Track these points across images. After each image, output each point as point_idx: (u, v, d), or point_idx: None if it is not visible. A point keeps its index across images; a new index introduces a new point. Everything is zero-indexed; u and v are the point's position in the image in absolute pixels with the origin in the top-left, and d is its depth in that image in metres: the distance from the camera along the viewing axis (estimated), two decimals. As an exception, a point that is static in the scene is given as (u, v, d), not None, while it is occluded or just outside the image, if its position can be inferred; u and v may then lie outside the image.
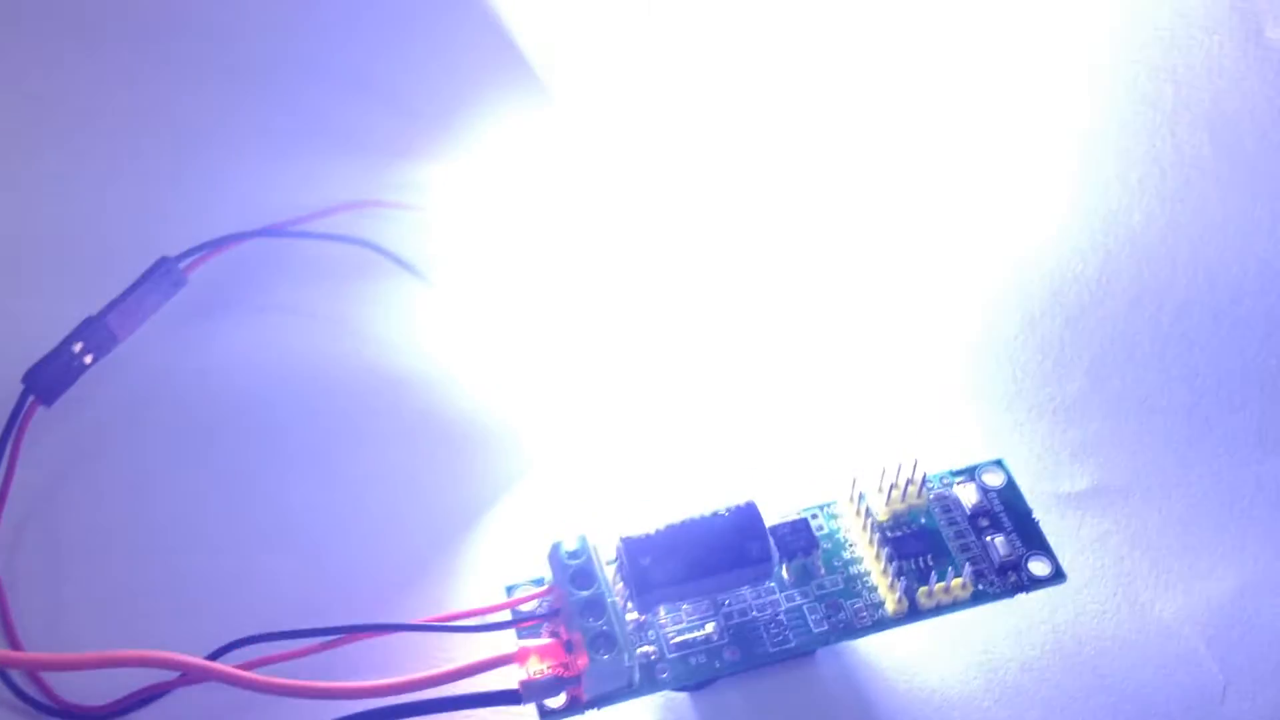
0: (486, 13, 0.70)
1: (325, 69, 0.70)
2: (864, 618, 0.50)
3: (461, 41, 0.70)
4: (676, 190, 0.66)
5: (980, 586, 0.50)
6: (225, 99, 0.69)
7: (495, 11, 0.71)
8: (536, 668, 0.47)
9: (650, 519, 0.48)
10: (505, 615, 0.49)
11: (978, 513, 0.52)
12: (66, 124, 0.69)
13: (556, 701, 0.47)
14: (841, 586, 0.50)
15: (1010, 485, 0.52)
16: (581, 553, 0.48)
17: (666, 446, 0.59)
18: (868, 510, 0.51)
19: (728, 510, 0.49)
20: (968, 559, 0.50)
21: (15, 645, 0.52)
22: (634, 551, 0.48)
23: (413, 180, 0.65)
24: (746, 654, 0.49)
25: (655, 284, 0.63)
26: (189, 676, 0.49)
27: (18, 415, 0.56)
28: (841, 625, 0.49)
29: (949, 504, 0.52)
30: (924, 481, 0.52)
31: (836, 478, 0.53)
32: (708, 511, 0.49)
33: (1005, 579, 0.50)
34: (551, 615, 0.49)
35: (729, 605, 0.50)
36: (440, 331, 0.61)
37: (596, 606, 0.47)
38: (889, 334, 0.62)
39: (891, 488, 0.51)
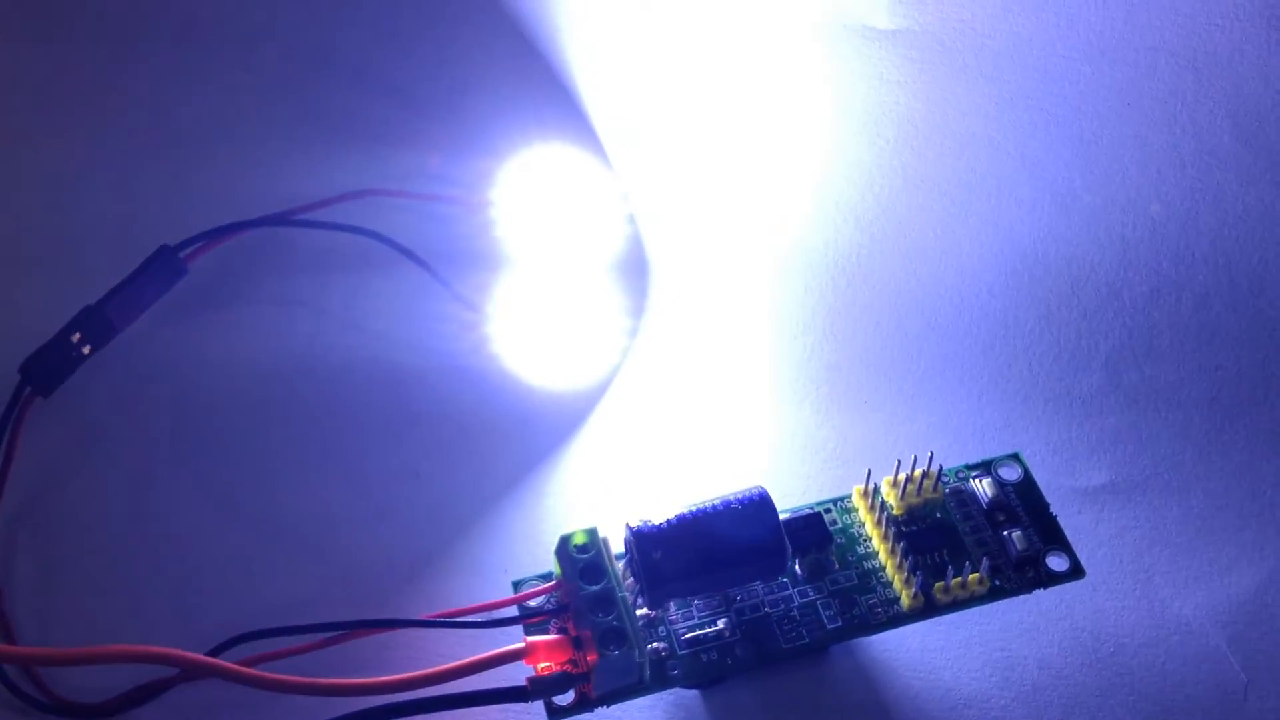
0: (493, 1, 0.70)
1: (329, 57, 0.69)
2: (879, 614, 0.48)
3: (467, 29, 0.69)
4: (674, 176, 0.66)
5: (997, 582, 0.49)
6: (226, 87, 0.68)
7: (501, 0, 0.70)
8: (544, 664, 0.46)
9: (660, 511, 0.48)
10: (512, 611, 0.48)
11: (994, 507, 0.51)
12: (66, 113, 0.68)
13: (565, 698, 0.46)
14: (856, 582, 0.49)
15: (1027, 479, 0.52)
16: (591, 546, 0.47)
17: (677, 437, 0.58)
18: (883, 504, 0.50)
19: (739, 501, 0.48)
20: (985, 554, 0.49)
21: (11, 640, 0.51)
22: (645, 545, 0.47)
23: (417, 170, 0.64)
24: (759, 651, 0.48)
25: (661, 268, 0.62)
26: (189, 673, 0.48)
27: (15, 406, 0.55)
28: (856, 621, 0.48)
29: (965, 498, 0.51)
30: (939, 475, 0.51)
31: (850, 471, 0.52)
32: (719, 502, 0.48)
33: (1023, 574, 0.49)
34: (560, 611, 0.48)
35: (741, 601, 0.49)
36: (445, 322, 0.60)
37: (607, 601, 0.46)
38: (903, 324, 0.61)
39: (907, 481, 0.50)
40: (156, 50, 0.69)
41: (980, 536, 0.50)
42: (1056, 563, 0.49)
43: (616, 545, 0.48)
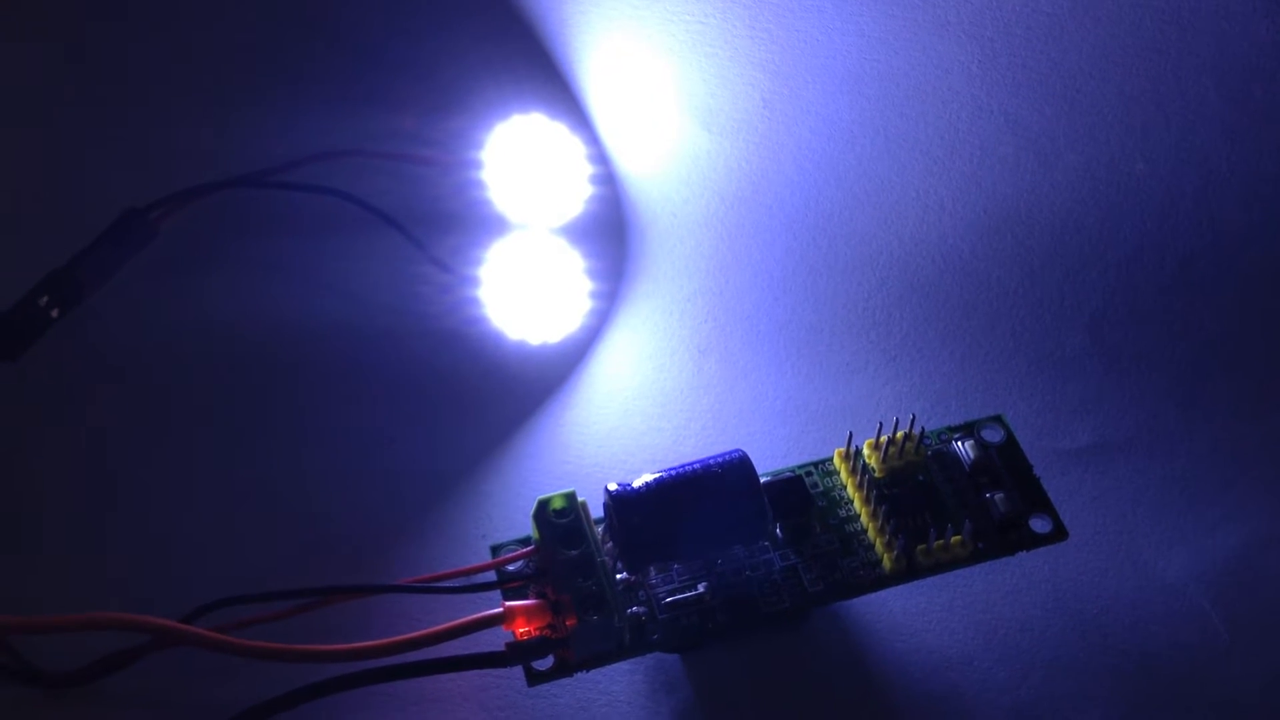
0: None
1: (301, 16, 0.68)
2: (861, 577, 0.48)
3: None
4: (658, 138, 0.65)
5: (980, 545, 0.48)
6: (195, 46, 0.67)
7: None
8: (523, 629, 0.46)
9: (639, 474, 0.47)
10: (490, 576, 0.48)
11: (977, 469, 0.50)
12: (31, 74, 0.66)
13: (544, 663, 0.46)
14: (837, 545, 0.49)
15: (1010, 441, 0.51)
16: (569, 511, 0.47)
17: (656, 400, 0.57)
18: (864, 467, 0.50)
19: (719, 465, 0.47)
20: (967, 516, 0.49)
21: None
22: (623, 509, 0.46)
23: (391, 131, 0.63)
24: (739, 615, 0.47)
25: (641, 230, 0.62)
26: (162, 640, 0.47)
27: (-20, 370, 0.55)
28: (838, 585, 0.48)
29: (948, 460, 0.51)
30: (922, 437, 0.50)
31: (831, 433, 0.51)
32: (698, 465, 0.47)
33: (1006, 537, 0.49)
34: (538, 575, 0.47)
35: (721, 565, 0.48)
36: (419, 285, 0.59)
37: (585, 566, 0.45)
38: (885, 285, 0.61)
39: (889, 443, 0.50)
40: (120, 11, 0.68)
41: (963, 499, 0.50)
42: (1039, 525, 0.49)
43: (595, 509, 0.48)
